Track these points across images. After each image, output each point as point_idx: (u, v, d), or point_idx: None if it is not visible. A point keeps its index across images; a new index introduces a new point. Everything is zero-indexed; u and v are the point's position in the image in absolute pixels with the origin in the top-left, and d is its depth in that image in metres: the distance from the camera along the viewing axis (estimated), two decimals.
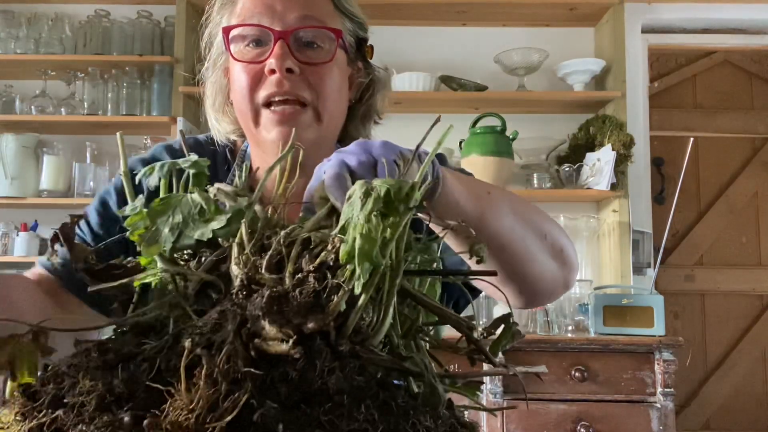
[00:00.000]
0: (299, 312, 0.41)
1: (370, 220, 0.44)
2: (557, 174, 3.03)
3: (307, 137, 0.89)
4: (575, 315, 2.70)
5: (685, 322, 3.59)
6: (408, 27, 3.24)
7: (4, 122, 3.10)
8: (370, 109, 1.01)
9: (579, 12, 3.13)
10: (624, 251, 2.94)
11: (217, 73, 0.97)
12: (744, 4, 3.20)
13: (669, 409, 2.35)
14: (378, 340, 0.45)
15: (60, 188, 3.06)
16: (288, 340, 0.39)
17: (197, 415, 0.36)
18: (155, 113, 3.05)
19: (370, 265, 0.43)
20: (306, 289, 0.42)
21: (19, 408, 0.42)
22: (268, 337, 0.39)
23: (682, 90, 3.72)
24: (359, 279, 0.42)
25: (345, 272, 0.43)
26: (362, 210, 0.44)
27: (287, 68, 0.86)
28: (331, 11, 0.92)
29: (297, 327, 0.40)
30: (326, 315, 0.41)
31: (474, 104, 3.11)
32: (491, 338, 0.52)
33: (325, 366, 0.39)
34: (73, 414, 0.39)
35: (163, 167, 0.56)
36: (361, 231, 0.43)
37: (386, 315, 0.45)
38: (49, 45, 3.10)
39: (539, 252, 0.82)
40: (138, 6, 3.15)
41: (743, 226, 3.66)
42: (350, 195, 0.47)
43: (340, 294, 0.42)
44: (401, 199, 0.46)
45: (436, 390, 0.45)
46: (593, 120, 3.04)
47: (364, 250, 0.43)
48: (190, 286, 0.48)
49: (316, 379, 0.39)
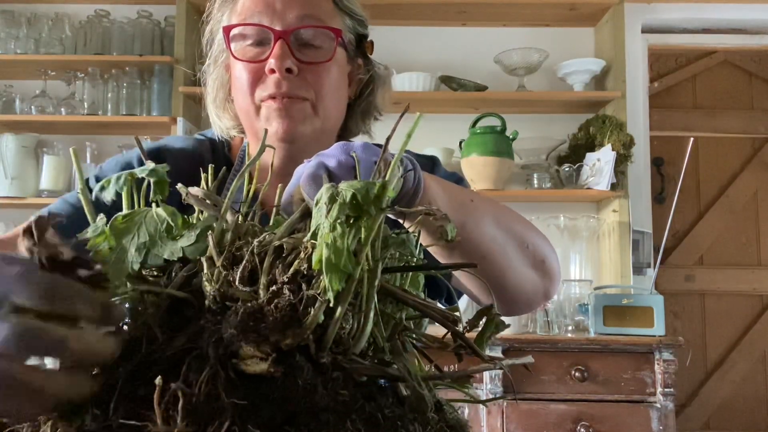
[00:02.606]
0: (276, 328, 0.39)
1: (335, 228, 0.41)
2: (557, 174, 3.03)
3: (305, 131, 0.90)
4: (575, 315, 2.70)
5: (685, 322, 3.59)
6: (408, 27, 3.24)
7: (4, 122, 3.09)
8: (369, 105, 1.01)
9: (579, 12, 3.13)
10: (624, 251, 2.94)
11: (219, 70, 0.97)
12: (744, 4, 3.20)
13: (669, 409, 2.35)
14: (360, 347, 0.43)
15: (60, 188, 3.06)
16: (267, 359, 0.37)
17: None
18: (155, 113, 3.05)
19: (340, 276, 0.40)
20: (281, 302, 0.40)
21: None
22: (246, 356, 0.38)
23: (682, 90, 3.72)
24: (331, 290, 0.40)
25: (320, 282, 0.41)
26: (327, 217, 0.42)
27: (287, 68, 0.87)
28: (330, 9, 0.92)
29: (274, 344, 0.38)
30: (304, 329, 0.39)
31: (474, 104, 3.11)
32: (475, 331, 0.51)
33: (307, 383, 0.38)
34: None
35: (119, 179, 0.52)
36: (327, 240, 0.41)
37: (367, 320, 0.43)
38: (49, 45, 3.10)
39: (520, 262, 0.83)
40: (138, 6, 3.16)
41: (743, 226, 3.66)
42: (318, 199, 0.45)
43: (317, 306, 0.40)
44: (371, 201, 0.43)
45: (422, 396, 0.44)
46: (593, 120, 3.04)
47: (331, 261, 0.40)
48: (161, 304, 0.45)
49: (298, 398, 0.37)
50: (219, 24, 0.95)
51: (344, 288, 0.41)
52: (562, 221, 3.00)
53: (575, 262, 3.01)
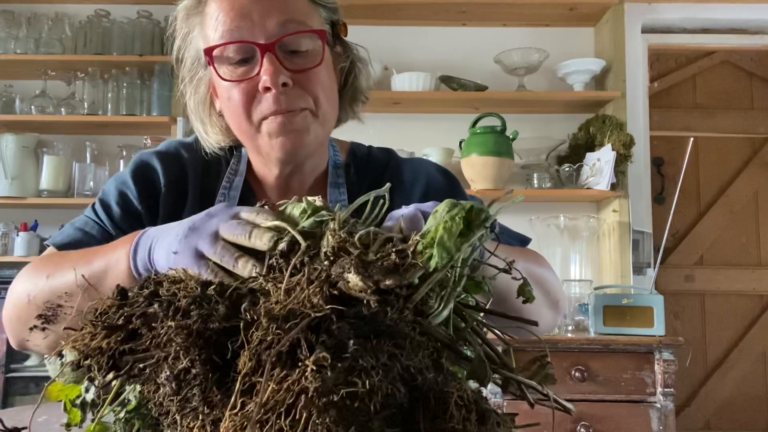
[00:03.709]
0: (379, 271, 0.48)
1: (454, 219, 0.53)
2: (557, 174, 3.03)
3: (310, 140, 0.89)
4: (575, 315, 2.70)
5: (685, 322, 3.59)
6: (408, 27, 3.23)
7: (4, 122, 3.09)
8: (356, 91, 0.99)
9: (579, 12, 3.13)
10: (624, 251, 2.94)
11: (200, 88, 0.94)
12: (744, 4, 3.20)
13: (669, 409, 2.35)
14: (437, 322, 0.52)
15: (60, 188, 3.06)
16: (367, 290, 0.47)
17: (287, 307, 0.44)
18: (155, 113, 3.05)
19: (446, 251, 0.51)
20: (387, 261, 0.49)
21: (111, 303, 0.50)
22: (351, 282, 0.47)
23: (682, 90, 3.72)
24: (435, 258, 0.51)
25: (424, 255, 0.51)
26: (448, 213, 0.53)
27: (282, 83, 0.84)
28: (305, 6, 0.89)
29: (375, 282, 0.47)
30: (402, 277, 0.48)
31: (474, 104, 3.11)
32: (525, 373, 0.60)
33: (394, 314, 0.46)
34: (167, 308, 0.47)
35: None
36: (444, 226, 0.52)
37: (447, 304, 0.52)
38: (49, 45, 3.10)
39: (543, 308, 0.88)
40: (138, 6, 3.16)
41: (743, 226, 3.66)
42: (437, 209, 0.55)
43: (417, 268, 0.50)
44: (479, 220, 0.54)
45: (484, 363, 0.53)
46: (593, 120, 3.04)
47: (443, 239, 0.52)
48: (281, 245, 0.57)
49: (385, 323, 0.46)
50: (188, 41, 0.91)
51: (443, 265, 0.51)
52: (562, 221, 2.99)
53: (575, 262, 3.01)
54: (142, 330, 0.47)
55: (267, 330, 0.43)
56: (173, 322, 0.45)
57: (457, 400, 0.44)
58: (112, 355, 0.47)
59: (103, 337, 0.47)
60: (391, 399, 0.43)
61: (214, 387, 0.44)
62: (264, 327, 0.43)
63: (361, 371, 0.41)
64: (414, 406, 0.44)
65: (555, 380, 0.60)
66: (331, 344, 0.42)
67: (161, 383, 0.45)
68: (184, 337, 0.44)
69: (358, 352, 0.42)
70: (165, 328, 0.45)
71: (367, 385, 0.41)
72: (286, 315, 0.44)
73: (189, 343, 0.44)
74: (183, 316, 0.46)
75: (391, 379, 0.43)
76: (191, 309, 0.46)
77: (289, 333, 0.42)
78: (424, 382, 0.45)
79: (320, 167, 0.99)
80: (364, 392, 0.41)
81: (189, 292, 0.48)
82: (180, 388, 0.44)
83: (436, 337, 0.50)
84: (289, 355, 0.42)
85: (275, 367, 0.41)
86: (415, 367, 0.45)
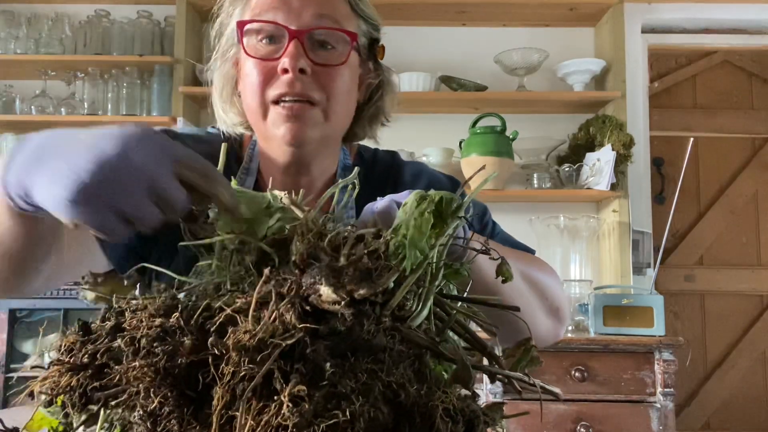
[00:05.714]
0: (352, 280, 0.45)
1: (423, 215, 0.51)
2: (557, 174, 3.03)
3: (314, 135, 0.89)
4: (575, 315, 2.70)
5: (685, 322, 3.59)
6: (408, 27, 3.24)
7: (4, 122, 3.09)
8: (378, 110, 1.00)
9: (579, 12, 3.13)
10: (624, 251, 2.94)
11: (226, 64, 0.96)
12: (744, 4, 3.20)
13: (669, 409, 2.35)
14: (415, 324, 0.50)
15: None
16: (341, 302, 0.44)
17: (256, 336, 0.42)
18: (155, 113, 3.05)
19: (418, 251, 0.49)
20: (360, 265, 0.47)
21: (74, 339, 0.48)
22: (324, 295, 0.45)
23: (682, 90, 3.72)
24: (409, 260, 0.49)
25: (398, 257, 0.50)
26: (417, 209, 0.52)
27: (300, 68, 0.85)
28: (347, 12, 0.91)
29: (349, 292, 0.45)
30: (377, 284, 0.46)
31: (474, 104, 3.11)
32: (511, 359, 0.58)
33: (370, 327, 0.44)
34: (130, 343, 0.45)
35: None
36: (413, 224, 0.51)
37: (425, 304, 0.50)
38: (49, 45, 3.10)
39: (540, 311, 0.87)
40: (138, 6, 3.15)
41: (743, 226, 3.66)
42: (406, 202, 0.53)
43: (390, 272, 0.48)
44: (451, 210, 0.52)
45: (467, 367, 0.50)
46: (593, 120, 3.04)
47: (414, 239, 0.50)
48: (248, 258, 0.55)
49: (362, 337, 0.44)
50: (230, 18, 0.93)
51: (417, 265, 0.49)
52: (562, 221, 2.99)
53: (575, 262, 3.01)
54: (111, 364, 0.46)
55: (238, 364, 0.41)
56: (138, 361, 0.43)
57: (443, 413, 0.43)
58: (83, 392, 0.46)
59: (71, 375, 0.46)
60: (374, 422, 0.41)
61: (191, 419, 0.42)
62: (235, 361, 0.41)
63: (340, 398, 0.40)
64: (399, 425, 0.43)
65: (541, 362, 0.58)
66: (307, 370, 0.41)
67: (135, 423, 0.43)
68: (151, 376, 0.43)
69: (336, 376, 0.41)
70: (131, 367, 0.44)
71: (348, 414, 0.39)
72: (257, 345, 0.41)
73: (158, 382, 0.42)
74: (148, 353, 0.44)
75: (372, 400, 0.41)
76: (155, 346, 0.44)
77: (262, 366, 0.40)
78: (408, 397, 0.43)
79: (329, 170, 0.99)
80: (345, 421, 0.39)
81: (151, 323, 0.45)
82: (156, 425, 0.43)
83: (418, 343, 0.48)
84: (265, 386, 0.41)
85: (250, 401, 0.40)
86: (397, 383, 0.43)
